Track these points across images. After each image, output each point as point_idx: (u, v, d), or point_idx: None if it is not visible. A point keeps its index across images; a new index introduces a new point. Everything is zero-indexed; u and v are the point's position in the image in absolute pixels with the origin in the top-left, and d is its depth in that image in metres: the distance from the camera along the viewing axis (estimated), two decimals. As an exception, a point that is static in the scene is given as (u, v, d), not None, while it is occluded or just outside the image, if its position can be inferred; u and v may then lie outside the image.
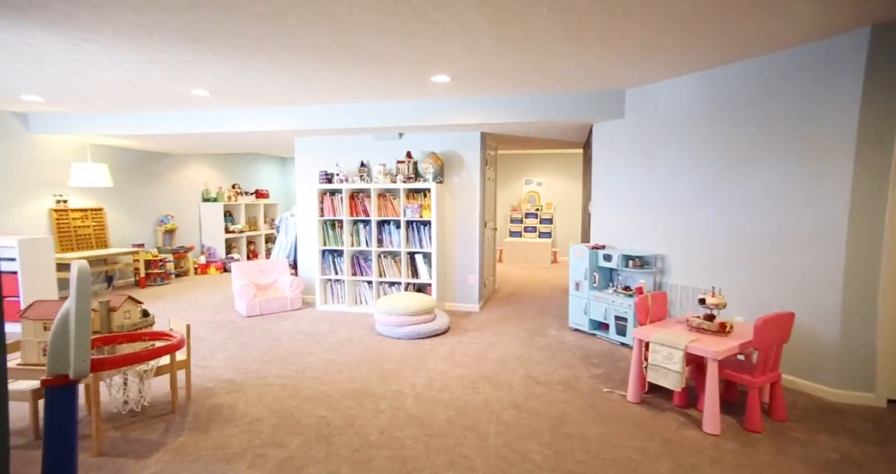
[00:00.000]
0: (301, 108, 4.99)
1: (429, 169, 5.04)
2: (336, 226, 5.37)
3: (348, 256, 5.32)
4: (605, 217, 4.55)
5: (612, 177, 4.45)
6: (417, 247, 5.19)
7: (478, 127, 4.92)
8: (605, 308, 4.16)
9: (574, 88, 4.20)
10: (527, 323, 4.84)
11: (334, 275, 5.40)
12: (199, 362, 3.58)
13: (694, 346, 2.51)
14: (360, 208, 5.30)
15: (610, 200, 4.49)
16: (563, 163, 9.77)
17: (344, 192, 5.20)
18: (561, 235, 9.89)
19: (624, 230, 4.36)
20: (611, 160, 4.46)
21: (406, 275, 5.20)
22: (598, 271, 4.36)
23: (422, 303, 4.34)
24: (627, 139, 4.27)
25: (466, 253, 5.39)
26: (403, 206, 5.10)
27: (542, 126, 4.82)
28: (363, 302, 5.46)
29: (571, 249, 4.50)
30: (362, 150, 5.57)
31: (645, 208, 4.12)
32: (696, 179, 3.65)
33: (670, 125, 3.85)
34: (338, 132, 5.31)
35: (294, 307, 5.28)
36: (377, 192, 5.21)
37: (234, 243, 8.67)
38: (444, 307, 5.48)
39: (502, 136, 5.71)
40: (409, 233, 5.20)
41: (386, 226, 5.26)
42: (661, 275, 4.00)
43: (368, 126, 4.90)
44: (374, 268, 5.24)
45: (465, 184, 5.33)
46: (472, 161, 5.27)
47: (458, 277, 5.44)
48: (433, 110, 4.72)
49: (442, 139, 5.33)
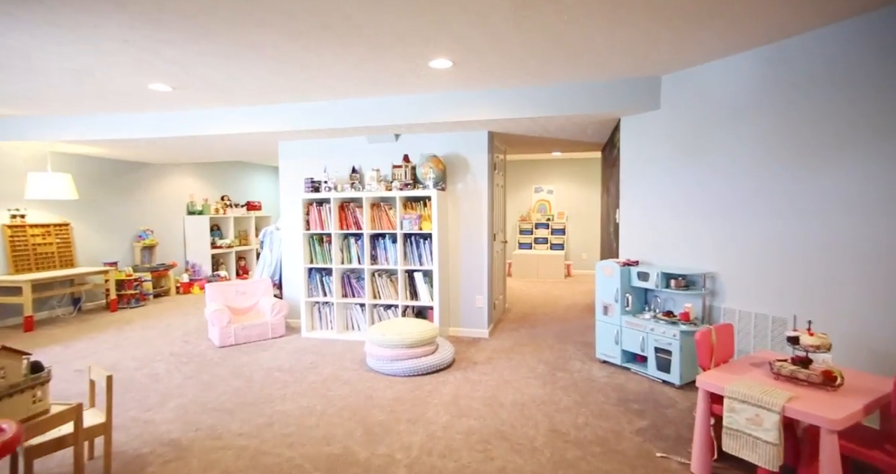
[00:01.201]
0: (282, 107, 4.37)
1: (429, 174, 4.39)
2: (324, 241, 4.71)
3: (338, 275, 4.65)
4: (637, 228, 3.85)
5: (645, 181, 3.76)
6: (416, 264, 4.51)
7: (485, 125, 4.27)
8: (642, 337, 3.44)
9: (599, 76, 3.54)
10: (545, 352, 4.12)
11: (322, 296, 4.72)
12: (142, 414, 2.88)
13: (796, 408, 1.79)
14: (351, 220, 4.64)
15: (642, 208, 3.80)
16: (576, 169, 9.10)
17: (332, 202, 4.55)
18: (574, 247, 9.18)
19: (661, 243, 3.65)
20: (643, 160, 3.78)
21: (404, 297, 4.51)
22: (630, 292, 3.64)
23: (421, 333, 3.64)
24: (664, 135, 3.59)
25: (473, 270, 4.70)
26: (400, 217, 4.43)
27: (560, 122, 4.16)
28: (355, 327, 4.77)
29: (598, 266, 3.80)
30: (354, 155, 4.93)
31: (688, 217, 3.42)
32: (758, 181, 2.95)
33: (720, 116, 3.17)
34: (325, 134, 4.68)
35: (276, 334, 4.59)
36: (370, 202, 4.56)
37: (222, 259, 8.04)
38: (448, 333, 4.77)
39: (512, 137, 5.06)
40: (407, 248, 4.52)
41: (380, 240, 4.59)
42: (710, 297, 3.28)
43: (359, 125, 4.26)
44: (368, 288, 4.55)
45: (470, 192, 4.66)
46: (479, 165, 4.61)
47: (464, 298, 4.74)
48: (433, 106, 4.07)
49: (444, 140, 4.69)
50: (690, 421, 2.74)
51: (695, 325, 3.20)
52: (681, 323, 3.24)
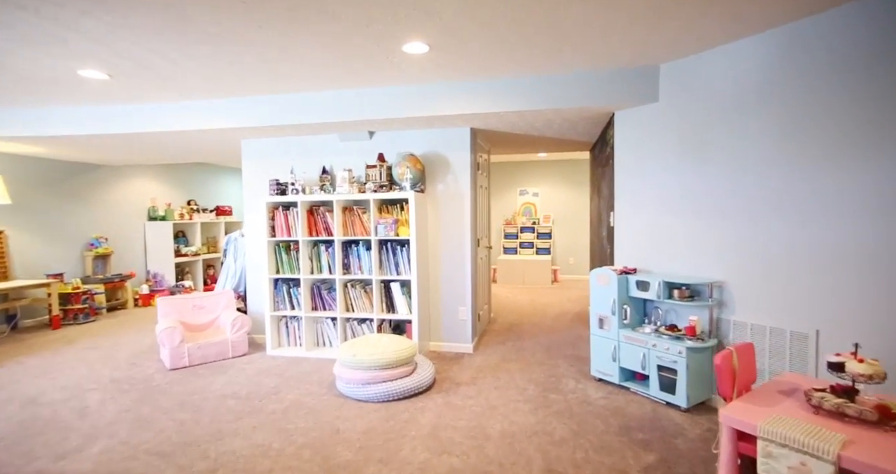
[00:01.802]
0: (241, 101, 3.93)
1: (406, 174, 3.99)
2: (291, 249, 4.26)
3: (306, 286, 4.21)
4: (634, 232, 3.52)
5: (642, 181, 3.44)
6: (393, 273, 4.10)
7: (467, 120, 3.90)
8: (643, 354, 3.09)
9: (593, 64, 3.21)
10: (535, 369, 3.75)
11: (289, 310, 4.27)
12: (51, 465, 2.38)
13: (856, 458, 1.44)
14: (321, 226, 4.21)
15: (639, 211, 3.47)
16: (562, 171, 8.81)
17: (300, 206, 4.11)
18: (561, 251, 8.87)
19: (660, 249, 3.32)
20: (639, 159, 3.45)
21: (379, 310, 4.10)
22: (629, 303, 3.30)
23: (397, 352, 3.23)
24: (663, 130, 3.27)
25: (455, 279, 4.31)
26: (375, 222, 4.02)
27: (548, 117, 3.81)
28: (325, 343, 4.33)
29: (593, 275, 3.45)
30: (324, 154, 4.51)
31: (691, 220, 3.10)
32: (773, 179, 2.64)
33: (726, 108, 2.85)
34: (292, 131, 4.24)
35: (237, 353, 4.12)
36: (342, 205, 4.14)
37: (188, 268, 7.49)
38: (429, 348, 4.37)
39: (496, 135, 4.70)
40: (383, 255, 4.11)
41: (353, 247, 4.17)
42: (718, 309, 2.95)
43: (329, 121, 3.85)
44: (339, 300, 4.12)
45: (452, 194, 4.28)
46: (461, 164, 4.24)
47: (446, 310, 4.35)
48: (410, 99, 3.69)
49: (422, 138, 4.30)
50: (705, 454, 2.39)
51: (702, 341, 2.87)
52: (686, 338, 2.90)
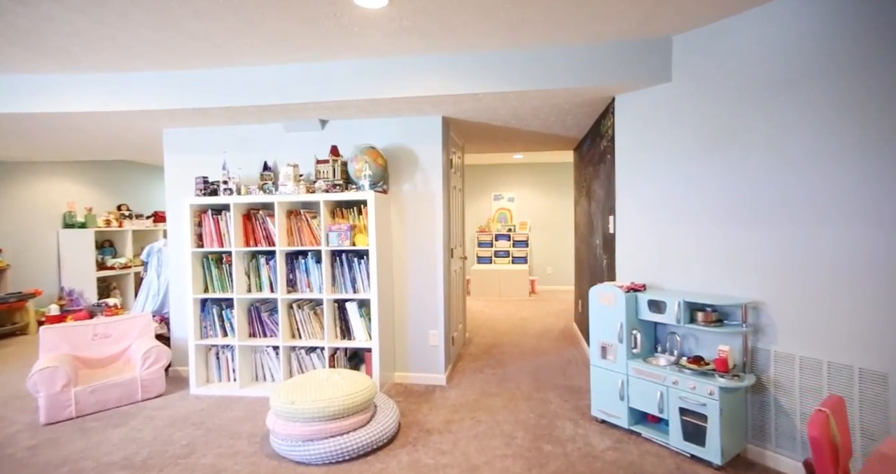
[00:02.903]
0: (150, 76, 3.13)
1: (364, 171, 3.28)
2: (223, 262, 3.46)
3: (242, 308, 3.41)
4: (639, 240, 2.93)
5: (649, 179, 2.85)
6: (349, 291, 3.36)
7: (438, 106, 3.24)
8: (660, 393, 2.48)
9: (591, 35, 2.61)
10: (522, 406, 3.08)
11: (220, 337, 3.45)
12: None
13: None
14: (261, 233, 3.43)
15: (646, 215, 2.88)
16: (539, 174, 8.28)
17: (233, 209, 3.33)
18: (538, 260, 8.31)
19: (674, 260, 2.73)
20: (646, 152, 2.87)
21: (332, 336, 3.34)
22: (638, 327, 2.69)
23: (349, 397, 2.49)
24: (676, 116, 2.70)
25: (425, 297, 3.61)
26: (326, 229, 3.28)
27: (536, 103, 3.19)
28: (266, 377, 3.53)
29: (594, 293, 2.83)
30: (266, 147, 3.74)
31: (714, 226, 2.52)
32: (823, 177, 2.08)
33: (760, 87, 2.30)
34: (224, 118, 3.46)
35: (150, 394, 3.26)
36: (286, 208, 3.38)
37: (116, 283, 6.47)
38: (394, 380, 3.63)
39: (472, 127, 4.05)
40: (336, 269, 3.37)
41: (300, 259, 3.41)
42: (754, 336, 2.37)
43: (266, 103, 3.10)
44: (283, 324, 3.34)
45: (420, 195, 3.59)
46: (431, 160, 3.56)
47: (414, 335, 3.63)
48: (369, 77, 2.99)
49: (385, 128, 3.61)
50: (765, 542, 1.77)
51: (737, 378, 2.27)
52: (717, 374, 2.30)
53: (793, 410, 2.19)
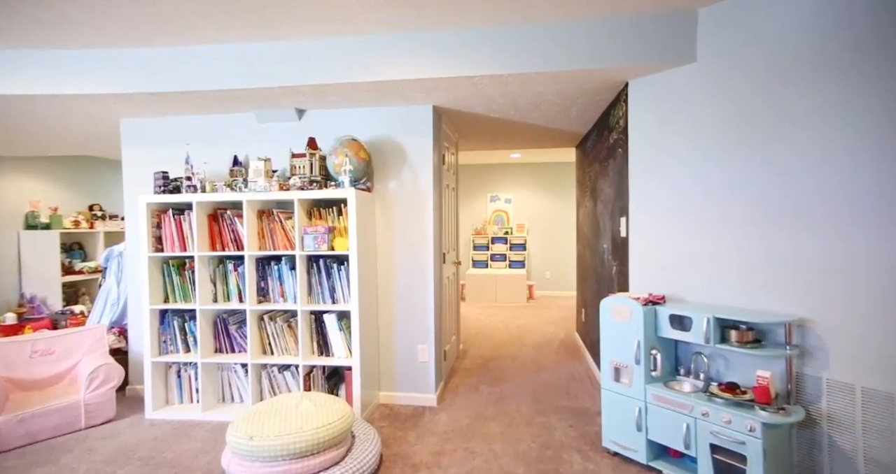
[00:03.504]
0: (98, 55, 2.74)
1: (345, 166, 2.90)
2: (185, 269, 3.07)
3: (207, 320, 3.01)
4: (657, 245, 2.56)
5: (669, 176, 2.49)
6: (327, 301, 2.97)
7: (429, 92, 2.87)
8: (686, 425, 2.11)
9: (604, 9, 2.25)
10: (522, 433, 2.70)
11: (182, 353, 3.05)
12: None
13: None
14: (228, 236, 3.04)
15: (665, 216, 2.52)
16: (536, 174, 7.93)
17: (196, 209, 2.94)
18: (536, 264, 7.95)
19: (699, 269, 2.37)
20: (665, 144, 2.51)
21: (308, 352, 2.95)
22: (658, 346, 2.32)
23: (319, 431, 2.10)
24: (701, 102, 2.34)
25: (414, 308, 3.23)
26: (301, 231, 2.90)
27: (538, 90, 2.82)
28: (233, 397, 3.13)
29: (605, 306, 2.46)
30: (237, 140, 3.35)
31: (748, 229, 2.16)
32: (881, 171, 1.73)
33: (805, 67, 1.94)
34: (189, 105, 3.08)
35: (96, 420, 2.85)
36: (256, 208, 2.99)
37: (85, 289, 6.03)
38: (378, 401, 3.24)
39: (466, 119, 3.68)
40: (313, 277, 2.98)
41: (273, 265, 3.03)
42: (800, 360, 2.00)
43: (233, 87, 2.72)
44: (253, 339, 2.95)
45: (409, 194, 3.22)
46: (421, 155, 3.19)
47: (401, 350, 3.25)
48: (350, 56, 2.62)
49: (369, 118, 3.23)
50: None
51: (783, 411, 1.90)
52: (758, 406, 1.93)
53: (853, 452, 1.82)
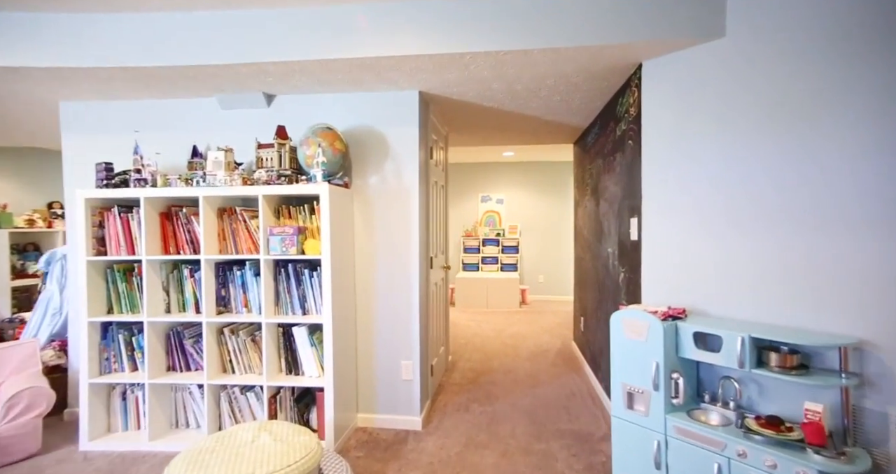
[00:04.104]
0: (45, 19, 2.33)
1: (318, 158, 2.53)
2: (133, 274, 2.66)
3: (157, 334, 2.61)
4: (675, 250, 2.23)
5: (692, 169, 2.16)
6: (297, 312, 2.59)
7: (413, 72, 2.50)
8: (717, 465, 1.76)
9: (620, -30, 1.92)
10: (519, 465, 2.35)
11: (128, 372, 2.65)
12: None
13: None
14: (184, 237, 2.65)
15: (687, 216, 2.19)
16: (531, 174, 7.60)
17: (144, 205, 2.54)
18: (529, 268, 7.62)
19: (726, 279, 2.04)
20: (687, 133, 2.18)
21: (275, 370, 2.56)
22: (679, 368, 1.98)
23: None
24: (733, 83, 2.01)
25: (397, 319, 2.86)
26: (266, 232, 2.52)
27: (540, 70, 2.47)
28: (189, 423, 2.73)
29: (617, 320, 2.11)
30: (198, 128, 2.96)
31: (792, 231, 1.83)
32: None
33: (856, 41, 1.62)
34: (140, 85, 2.68)
35: (13, 457, 2.41)
36: (216, 205, 2.60)
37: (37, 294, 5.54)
38: (355, 425, 2.86)
39: (457, 109, 3.32)
40: (281, 284, 2.60)
41: (234, 271, 2.64)
42: (859, 391, 1.67)
43: (191, 62, 2.33)
44: (210, 356, 2.55)
45: (391, 190, 2.85)
46: (406, 146, 2.82)
47: (382, 366, 2.88)
48: (323, 29, 2.25)
49: (347, 105, 2.86)
50: None
51: (843, 457, 1.55)
52: (810, 448, 1.59)
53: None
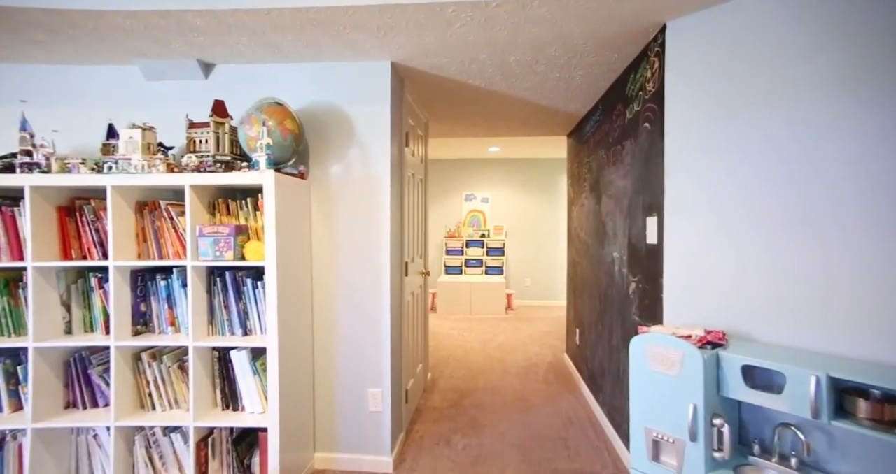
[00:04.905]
0: None
1: (262, 140, 2.00)
2: (17, 286, 2.08)
3: (51, 362, 2.04)
4: (710, 255, 1.77)
5: (734, 156, 1.71)
6: (236, 332, 2.06)
7: (382, 35, 1.99)
8: (784, 548, 1.31)
9: None
10: (515, 530, 1.86)
11: (7, 411, 2.07)
12: None
13: None
14: (90, 238, 2.09)
15: (730, 214, 1.73)
16: (518, 171, 7.16)
17: (32, 196, 1.97)
18: (515, 271, 7.18)
19: (778, 295, 1.58)
20: (730, 109, 1.72)
21: (206, 405, 2.02)
22: (721, 411, 1.52)
23: None
24: (794, 40, 1.56)
25: (363, 339, 2.35)
26: (195, 233, 1.97)
27: (535, 33, 1.99)
28: None
29: (638, 346, 1.64)
30: (116, 102, 2.40)
31: (881, 233, 1.39)
32: None
33: None
34: (23, 43, 2.10)
35: None
36: (134, 198, 2.05)
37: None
38: (313, 466, 2.33)
39: (438, 86, 2.82)
40: (216, 297, 2.06)
41: (159, 281, 2.09)
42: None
43: (88, 7, 1.77)
44: (122, 388, 2.00)
45: (357, 182, 2.34)
46: (375, 129, 2.31)
47: (345, 396, 2.36)
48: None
49: (303, 78, 2.34)
50: None
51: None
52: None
53: None
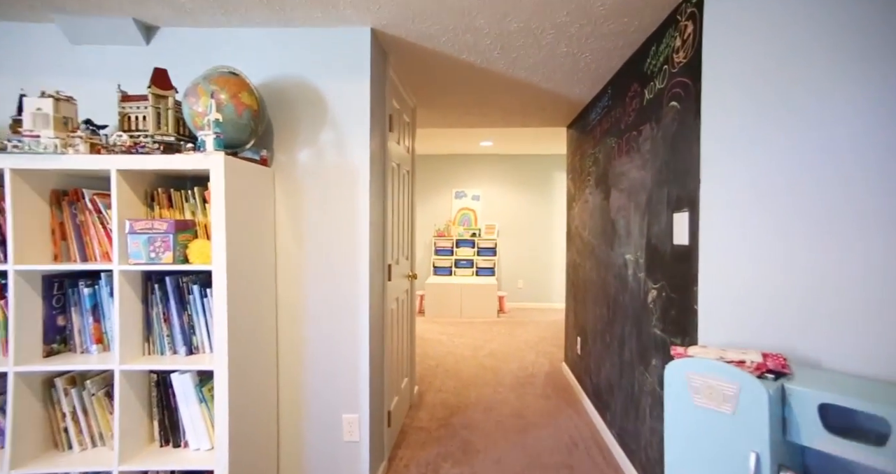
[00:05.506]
0: None
1: (209, 115, 1.61)
2: None
3: (-62, 392, 1.63)
4: (756, 259, 1.43)
5: (792, 140, 1.37)
6: (178, 350, 1.67)
7: None
8: None
9: None
10: None
11: None
12: None
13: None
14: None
15: (775, 210, 1.39)
16: (511, 167, 6.83)
17: (-84, 184, 1.55)
18: (507, 272, 6.85)
19: (856, 308, 1.24)
20: (789, 82, 1.38)
21: (140, 442, 1.63)
22: (786, 456, 1.19)
23: None
24: None
25: (336, 357, 1.97)
26: (124, 229, 1.58)
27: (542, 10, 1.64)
28: (0, 531, 1.75)
29: (678, 374, 1.29)
30: (30, 69, 1.98)
31: None
32: None
33: None
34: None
35: None
36: (45, 185, 1.65)
37: None
38: (274, 512, 1.95)
39: (426, 62, 2.45)
40: (153, 308, 1.67)
41: (82, 288, 1.68)
42: None
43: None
44: (25, 424, 1.59)
45: (330, 171, 1.96)
46: (351, 108, 1.94)
47: (314, 425, 1.98)
48: None
49: (266, 46, 1.95)
50: None
51: None
52: None
53: None
